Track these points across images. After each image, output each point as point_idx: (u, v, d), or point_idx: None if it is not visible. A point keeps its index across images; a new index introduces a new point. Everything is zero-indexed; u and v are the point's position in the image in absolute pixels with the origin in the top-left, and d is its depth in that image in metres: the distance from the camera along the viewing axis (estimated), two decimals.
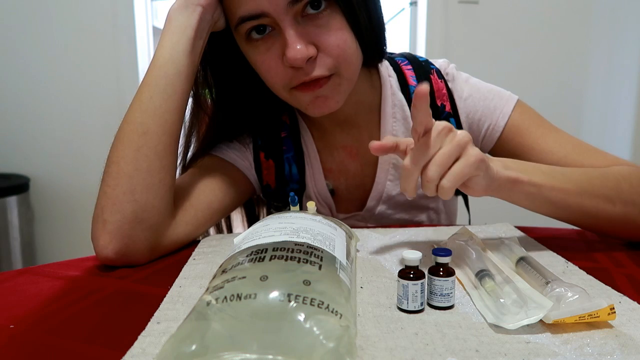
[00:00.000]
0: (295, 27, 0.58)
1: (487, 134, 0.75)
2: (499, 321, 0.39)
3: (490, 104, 0.74)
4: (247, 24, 0.59)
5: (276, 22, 0.58)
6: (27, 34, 2.17)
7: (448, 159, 0.49)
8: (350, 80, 0.64)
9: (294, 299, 0.31)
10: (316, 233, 0.42)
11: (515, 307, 0.40)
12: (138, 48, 2.21)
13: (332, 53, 0.60)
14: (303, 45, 0.58)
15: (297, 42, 0.57)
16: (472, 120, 0.75)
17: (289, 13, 0.57)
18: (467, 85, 0.76)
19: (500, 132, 0.74)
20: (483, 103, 0.75)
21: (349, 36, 0.61)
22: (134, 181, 0.57)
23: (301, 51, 0.57)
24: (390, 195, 0.78)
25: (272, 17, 0.58)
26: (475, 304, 0.44)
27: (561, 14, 2.27)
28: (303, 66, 0.59)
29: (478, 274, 0.46)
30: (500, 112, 0.74)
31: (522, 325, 0.38)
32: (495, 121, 0.74)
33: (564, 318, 0.39)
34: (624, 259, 0.57)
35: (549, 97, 2.24)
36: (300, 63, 0.58)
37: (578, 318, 0.39)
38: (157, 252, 0.60)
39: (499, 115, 0.74)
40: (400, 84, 0.76)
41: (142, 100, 0.60)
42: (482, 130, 0.75)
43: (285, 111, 0.78)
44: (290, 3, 0.57)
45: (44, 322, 0.43)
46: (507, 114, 0.73)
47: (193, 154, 0.76)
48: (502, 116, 0.73)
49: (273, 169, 0.78)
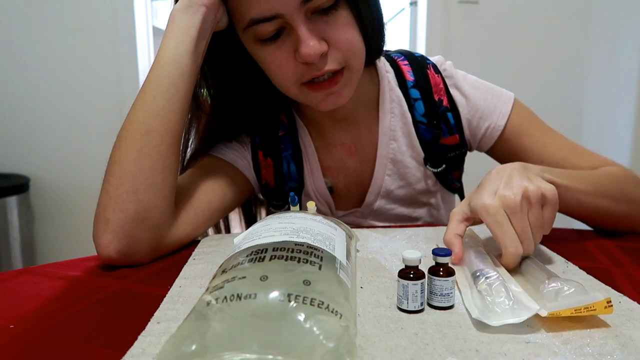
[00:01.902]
0: (307, 24, 0.59)
1: (487, 134, 0.76)
2: (484, 317, 0.39)
3: (490, 103, 0.76)
4: (258, 26, 0.60)
5: (288, 22, 0.59)
6: (27, 34, 2.17)
7: (541, 221, 0.52)
8: (358, 72, 0.66)
9: (294, 299, 0.31)
10: (316, 233, 0.42)
11: (501, 307, 0.40)
12: (138, 48, 2.21)
13: (341, 48, 0.62)
14: (316, 41, 0.59)
15: (310, 38, 0.59)
16: (473, 118, 0.76)
17: (301, 11, 0.58)
18: (466, 83, 0.77)
19: (500, 132, 0.75)
20: (484, 102, 0.76)
21: (357, 31, 0.63)
22: (137, 181, 0.58)
23: (314, 47, 0.59)
24: (389, 189, 0.79)
25: (285, 17, 0.58)
26: (465, 301, 0.44)
27: (561, 14, 2.27)
28: (316, 62, 0.60)
29: (474, 274, 0.46)
30: (500, 112, 0.75)
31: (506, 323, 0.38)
32: (496, 121, 0.75)
33: (560, 310, 0.38)
34: (624, 259, 0.57)
35: (548, 97, 2.24)
36: (314, 59, 0.59)
37: (574, 311, 0.38)
38: (158, 252, 0.60)
39: (498, 115, 0.75)
40: (398, 80, 0.77)
41: (146, 99, 0.60)
42: (481, 129, 0.76)
43: (283, 110, 0.78)
44: (302, 2, 0.58)
45: (44, 322, 0.43)
46: (507, 114, 0.75)
47: (192, 153, 0.76)
48: (502, 116, 0.75)
49: (271, 167, 0.78)
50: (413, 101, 0.76)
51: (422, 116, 0.76)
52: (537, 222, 0.51)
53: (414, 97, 0.76)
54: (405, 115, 0.76)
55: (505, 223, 0.50)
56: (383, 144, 0.77)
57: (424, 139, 0.77)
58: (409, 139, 0.77)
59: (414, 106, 0.76)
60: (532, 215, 0.51)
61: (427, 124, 0.76)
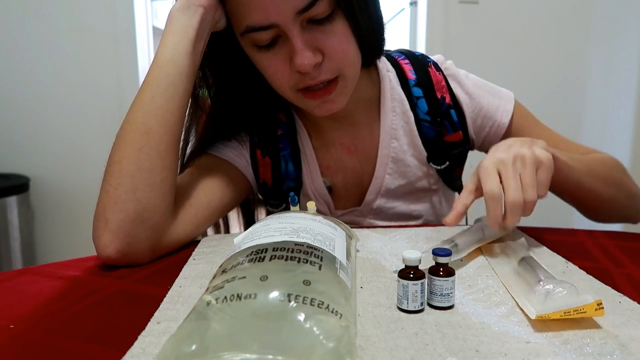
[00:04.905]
0: (302, 34, 0.59)
1: (492, 132, 0.78)
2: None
3: (494, 102, 0.78)
4: (254, 34, 0.60)
5: (283, 31, 0.59)
6: (27, 34, 2.17)
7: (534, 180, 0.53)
8: (353, 80, 0.67)
9: (294, 299, 0.31)
10: (316, 233, 0.42)
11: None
12: (138, 48, 2.21)
13: (336, 58, 0.62)
14: (310, 52, 0.60)
15: (304, 49, 0.59)
16: (477, 116, 0.78)
17: (296, 21, 0.58)
18: (469, 81, 0.78)
19: (504, 129, 0.77)
20: (487, 101, 0.77)
21: (352, 40, 0.63)
22: (136, 180, 0.58)
23: (309, 58, 0.59)
24: (389, 188, 0.79)
25: (281, 27, 0.59)
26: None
27: (561, 14, 2.27)
28: (310, 71, 0.61)
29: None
30: (504, 110, 0.77)
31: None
32: (500, 119, 0.77)
33: (549, 313, 0.38)
34: (624, 259, 0.57)
35: (548, 97, 2.24)
36: (308, 69, 0.60)
37: (563, 313, 0.38)
38: (158, 252, 0.60)
39: (502, 113, 0.77)
40: (400, 79, 0.78)
41: (144, 100, 0.60)
42: (486, 127, 0.78)
43: (282, 109, 0.78)
44: (297, 13, 0.58)
45: (44, 322, 0.43)
46: (510, 112, 0.77)
47: (190, 152, 0.76)
48: (506, 114, 0.77)
49: (269, 166, 0.78)
50: (415, 99, 0.76)
51: (425, 114, 0.76)
52: (529, 179, 0.53)
53: (416, 95, 0.76)
54: (407, 114, 0.77)
55: (492, 171, 0.54)
56: (384, 142, 0.77)
57: (427, 137, 0.77)
58: (411, 137, 0.77)
59: (416, 104, 0.76)
60: (525, 173, 0.53)
61: (430, 122, 0.76)
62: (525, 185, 0.53)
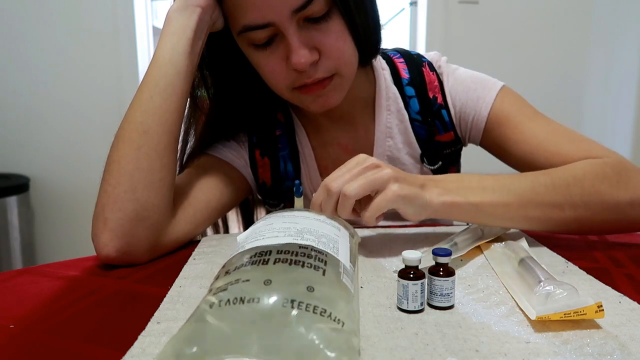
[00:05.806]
0: (298, 33, 0.59)
1: (473, 126, 0.75)
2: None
3: (474, 94, 0.74)
4: (251, 33, 0.60)
5: (280, 30, 0.59)
6: (27, 34, 2.17)
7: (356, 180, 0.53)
8: (349, 78, 0.67)
9: (296, 306, 0.30)
10: (320, 235, 0.41)
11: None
12: (138, 48, 2.21)
13: (332, 56, 0.62)
14: (307, 50, 0.60)
15: (301, 47, 0.59)
16: (461, 113, 0.76)
17: (293, 20, 0.59)
18: (452, 77, 0.76)
19: (484, 122, 0.73)
20: (466, 95, 0.74)
21: (348, 39, 0.63)
22: (135, 180, 0.58)
23: (305, 56, 0.59)
24: None
25: (277, 25, 0.59)
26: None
27: (561, 14, 2.27)
28: (307, 70, 0.61)
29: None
30: (483, 102, 0.73)
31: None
32: (479, 111, 0.73)
33: (549, 315, 0.38)
34: (624, 259, 0.57)
35: (548, 96, 2.24)
36: (305, 67, 0.60)
37: (563, 315, 0.38)
38: (157, 251, 0.60)
39: (481, 105, 0.73)
40: (394, 77, 0.77)
41: (143, 99, 0.60)
42: (468, 121, 0.75)
43: (280, 109, 0.79)
44: (294, 11, 0.58)
45: (44, 322, 0.43)
46: (490, 103, 0.73)
47: (189, 152, 0.76)
48: (485, 106, 0.73)
49: (268, 166, 0.78)
50: (408, 99, 0.76)
51: (416, 114, 0.76)
52: (355, 178, 0.53)
53: (408, 94, 0.76)
54: (401, 112, 0.77)
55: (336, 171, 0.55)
56: (380, 141, 0.77)
57: (419, 136, 0.77)
58: (406, 136, 0.77)
59: (408, 103, 0.76)
60: (354, 174, 0.53)
61: (421, 122, 0.76)
62: (348, 181, 0.53)
